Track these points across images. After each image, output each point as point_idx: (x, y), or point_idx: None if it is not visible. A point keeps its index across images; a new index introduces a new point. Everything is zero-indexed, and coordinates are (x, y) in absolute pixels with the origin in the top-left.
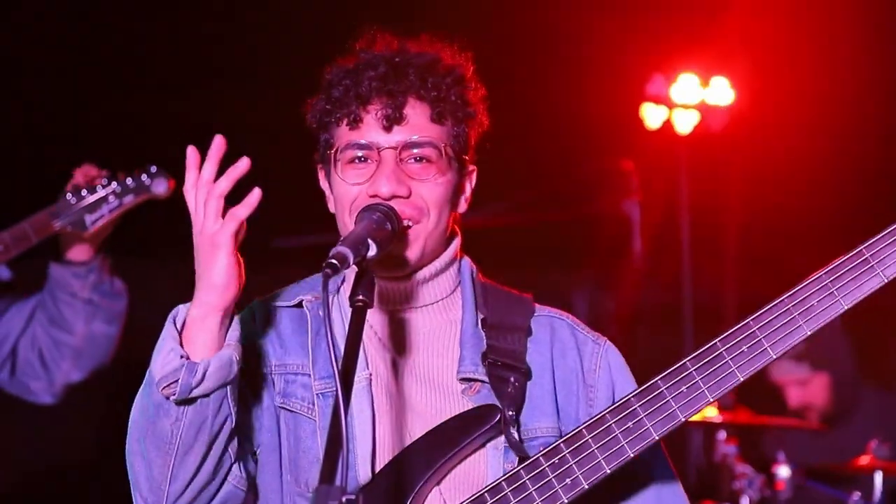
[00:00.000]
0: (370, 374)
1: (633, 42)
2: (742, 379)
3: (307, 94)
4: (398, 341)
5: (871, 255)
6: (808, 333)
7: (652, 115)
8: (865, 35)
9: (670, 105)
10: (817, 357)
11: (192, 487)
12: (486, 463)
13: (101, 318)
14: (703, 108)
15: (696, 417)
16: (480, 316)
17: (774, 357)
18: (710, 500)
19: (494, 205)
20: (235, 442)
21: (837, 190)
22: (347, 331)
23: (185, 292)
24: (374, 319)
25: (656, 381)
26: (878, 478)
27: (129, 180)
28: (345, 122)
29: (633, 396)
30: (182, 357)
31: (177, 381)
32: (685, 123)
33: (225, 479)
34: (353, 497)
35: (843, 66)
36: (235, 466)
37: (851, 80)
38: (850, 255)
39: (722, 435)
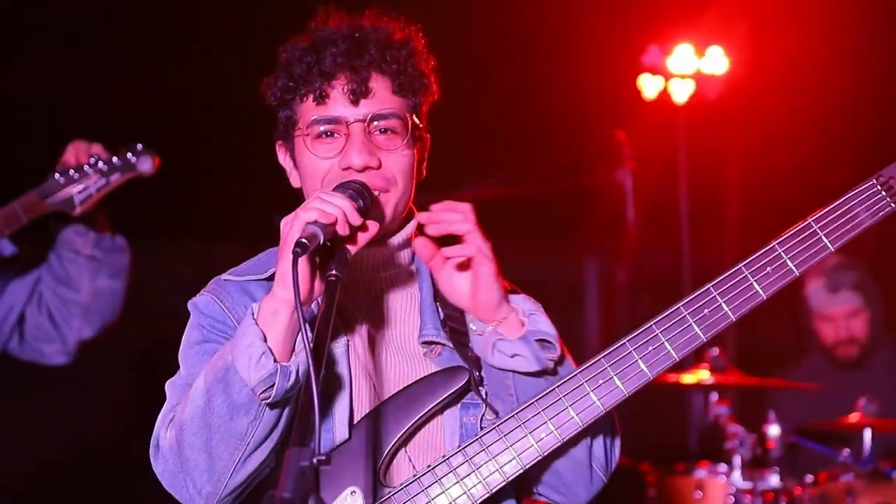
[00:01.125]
0: (347, 340)
1: (628, 13)
2: (705, 339)
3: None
4: (367, 306)
5: (819, 227)
6: (765, 298)
7: (648, 85)
8: (858, 2)
9: (666, 75)
10: (868, 293)
11: (250, 477)
12: (448, 424)
13: (106, 273)
14: (699, 77)
15: (689, 379)
16: (435, 289)
17: (734, 319)
18: (707, 460)
19: (494, 176)
20: None
21: (836, 153)
22: (322, 303)
23: (208, 273)
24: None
25: (624, 343)
26: (867, 435)
27: (115, 159)
28: (310, 97)
29: (603, 357)
30: (275, 362)
31: (272, 385)
32: (681, 93)
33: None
34: (323, 457)
35: (837, 32)
36: None
37: (847, 46)
38: (800, 227)
39: (714, 396)
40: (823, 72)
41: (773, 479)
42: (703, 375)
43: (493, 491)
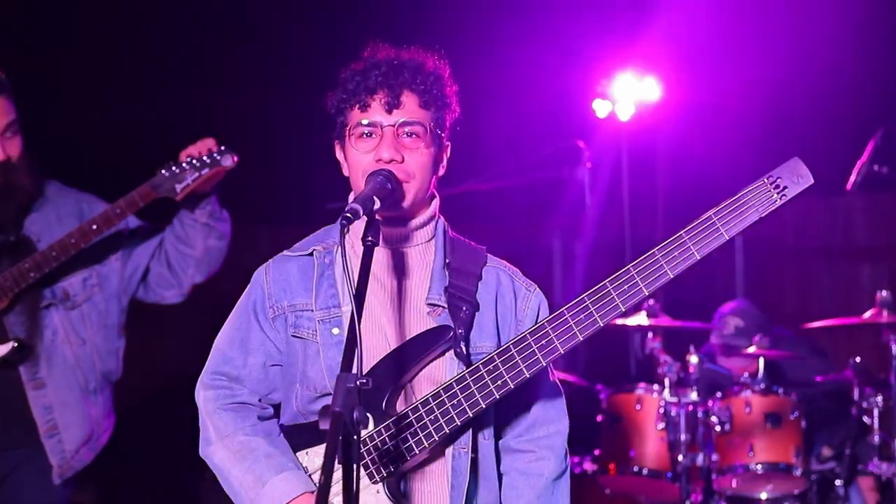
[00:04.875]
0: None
1: (587, 53)
2: (624, 309)
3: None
4: (388, 272)
5: (717, 219)
6: (672, 277)
7: (600, 108)
8: (768, 38)
9: (613, 100)
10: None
11: None
12: (445, 368)
13: (214, 236)
14: (638, 102)
15: (631, 322)
16: (447, 261)
17: (647, 294)
18: (644, 382)
19: (487, 172)
20: None
21: (748, 157)
22: (360, 263)
23: (271, 248)
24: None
25: (562, 311)
26: (761, 362)
27: (205, 157)
28: (357, 106)
29: (546, 321)
30: None
31: None
32: (624, 113)
33: None
34: (364, 380)
35: (754, 61)
36: None
37: (761, 77)
38: (703, 218)
39: (649, 335)
40: (737, 95)
41: (693, 395)
42: (641, 319)
43: (471, 414)
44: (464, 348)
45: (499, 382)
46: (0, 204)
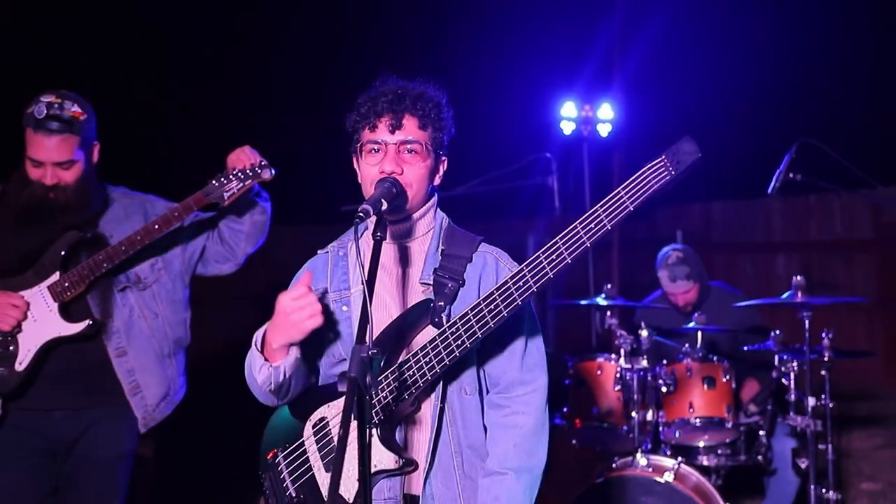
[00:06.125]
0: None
1: (557, 83)
2: (552, 276)
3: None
4: (393, 261)
5: (624, 193)
6: (589, 245)
7: (566, 126)
8: (703, 68)
9: (577, 120)
10: (695, 275)
11: (284, 393)
12: (430, 334)
13: (258, 212)
14: (596, 121)
15: (593, 303)
16: (442, 247)
17: (570, 261)
18: (604, 352)
19: (475, 181)
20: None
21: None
22: (371, 255)
23: (295, 244)
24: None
25: (522, 269)
26: (699, 335)
27: (248, 170)
28: (367, 127)
29: (509, 280)
30: (270, 367)
31: (271, 380)
32: (587, 130)
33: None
34: (375, 350)
35: (685, 92)
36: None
37: (695, 101)
38: (612, 194)
39: (608, 313)
40: (678, 114)
41: (644, 363)
42: (600, 301)
43: (439, 370)
44: (444, 318)
45: (448, 349)
46: (44, 214)
